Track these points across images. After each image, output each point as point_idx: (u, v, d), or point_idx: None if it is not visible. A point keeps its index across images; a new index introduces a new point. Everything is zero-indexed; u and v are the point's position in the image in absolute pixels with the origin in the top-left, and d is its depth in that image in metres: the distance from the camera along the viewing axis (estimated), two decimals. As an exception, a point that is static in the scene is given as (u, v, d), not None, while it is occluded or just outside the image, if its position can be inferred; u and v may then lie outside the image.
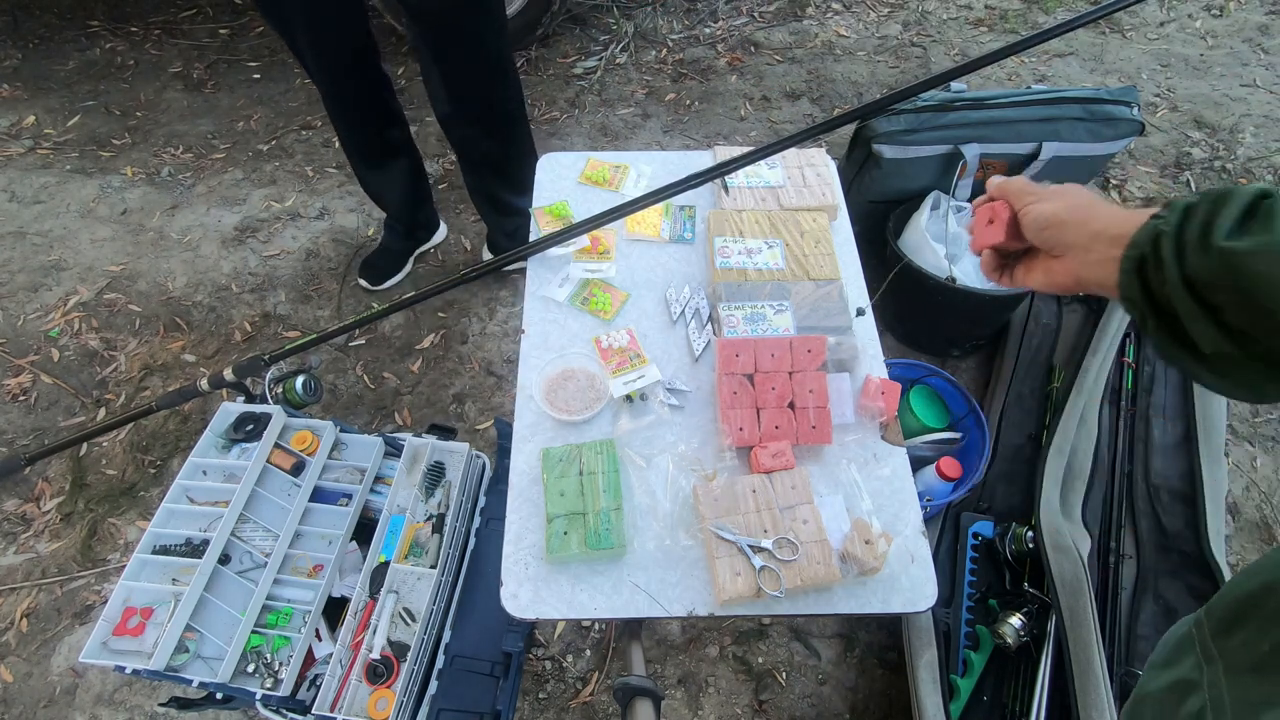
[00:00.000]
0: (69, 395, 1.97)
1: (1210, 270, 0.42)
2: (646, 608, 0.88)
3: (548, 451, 0.99)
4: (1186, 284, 0.43)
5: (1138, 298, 0.48)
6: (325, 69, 1.65)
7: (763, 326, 1.10)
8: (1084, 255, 0.54)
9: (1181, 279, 0.43)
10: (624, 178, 1.36)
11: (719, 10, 3.15)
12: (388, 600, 1.18)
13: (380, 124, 1.86)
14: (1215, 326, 0.42)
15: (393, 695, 1.09)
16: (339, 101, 1.76)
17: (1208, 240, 0.42)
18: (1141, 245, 0.47)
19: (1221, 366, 0.45)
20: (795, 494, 0.94)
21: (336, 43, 1.60)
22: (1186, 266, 0.43)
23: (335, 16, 1.54)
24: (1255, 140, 2.55)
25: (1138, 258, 0.47)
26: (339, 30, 1.58)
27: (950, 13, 3.16)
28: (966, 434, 1.62)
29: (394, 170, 1.98)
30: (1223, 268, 0.41)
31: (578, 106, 2.74)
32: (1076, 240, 0.54)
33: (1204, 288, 0.42)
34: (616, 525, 0.92)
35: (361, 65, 1.69)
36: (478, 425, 1.89)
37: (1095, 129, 1.77)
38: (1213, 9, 3.16)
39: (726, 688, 1.50)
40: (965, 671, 1.38)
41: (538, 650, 1.55)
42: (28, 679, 1.53)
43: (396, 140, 1.92)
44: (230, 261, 2.27)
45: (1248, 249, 0.40)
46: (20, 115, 2.76)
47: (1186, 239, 0.44)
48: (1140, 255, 0.47)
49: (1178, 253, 0.44)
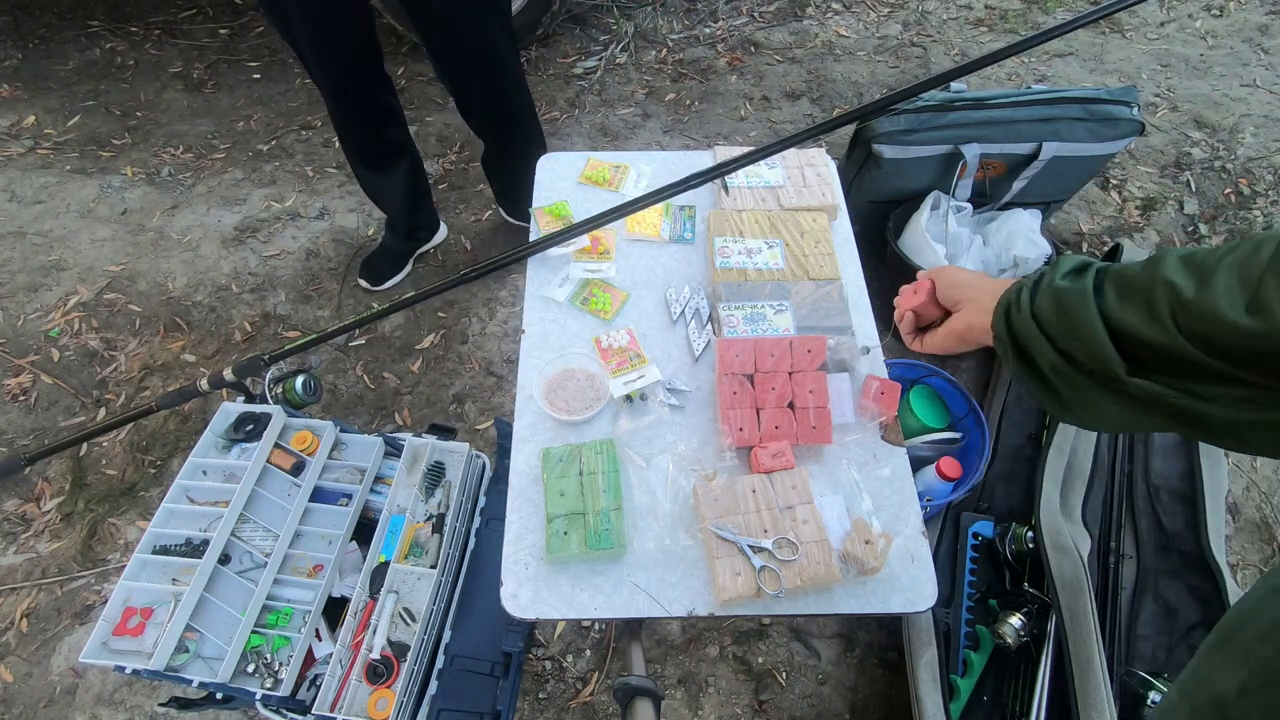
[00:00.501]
0: (69, 395, 1.97)
1: (1046, 305, 0.60)
2: (646, 608, 0.88)
3: (548, 451, 0.99)
4: (1033, 315, 0.61)
5: (1003, 333, 0.65)
6: (325, 67, 1.64)
7: (763, 326, 1.10)
8: (975, 306, 0.73)
9: (1031, 312, 0.61)
10: (624, 178, 1.36)
11: (719, 10, 3.15)
12: (388, 600, 1.18)
13: (380, 124, 1.86)
14: (1048, 342, 0.59)
15: (393, 695, 1.09)
16: (339, 100, 1.75)
17: (1047, 284, 0.61)
18: (1009, 294, 0.65)
19: (1064, 391, 0.60)
20: (795, 494, 0.94)
21: (337, 41, 1.59)
22: (1034, 304, 0.62)
23: (335, 14, 1.53)
24: (1255, 140, 2.55)
25: (1005, 303, 0.66)
26: (339, 28, 1.57)
27: (950, 13, 3.16)
28: (966, 434, 1.62)
29: (394, 171, 1.98)
30: (1051, 298, 0.59)
31: (578, 106, 2.74)
32: (972, 296, 0.74)
33: (1043, 319, 0.60)
34: (616, 525, 0.92)
35: (362, 65, 1.69)
36: (478, 425, 1.89)
37: (1095, 129, 1.77)
38: (1213, 9, 3.16)
39: (726, 688, 1.50)
40: (965, 671, 1.38)
41: (538, 650, 1.55)
42: (28, 679, 1.53)
43: (397, 140, 1.93)
44: (230, 261, 2.27)
45: (1065, 285, 0.59)
46: (20, 115, 2.76)
47: (1038, 286, 0.62)
48: (1007, 301, 0.65)
49: (1031, 296, 0.62)
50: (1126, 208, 2.37)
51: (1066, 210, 2.32)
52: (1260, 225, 2.27)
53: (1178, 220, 2.34)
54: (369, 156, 1.94)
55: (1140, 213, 2.36)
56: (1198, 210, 2.36)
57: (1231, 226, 2.30)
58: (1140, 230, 2.31)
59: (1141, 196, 2.40)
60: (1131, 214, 2.35)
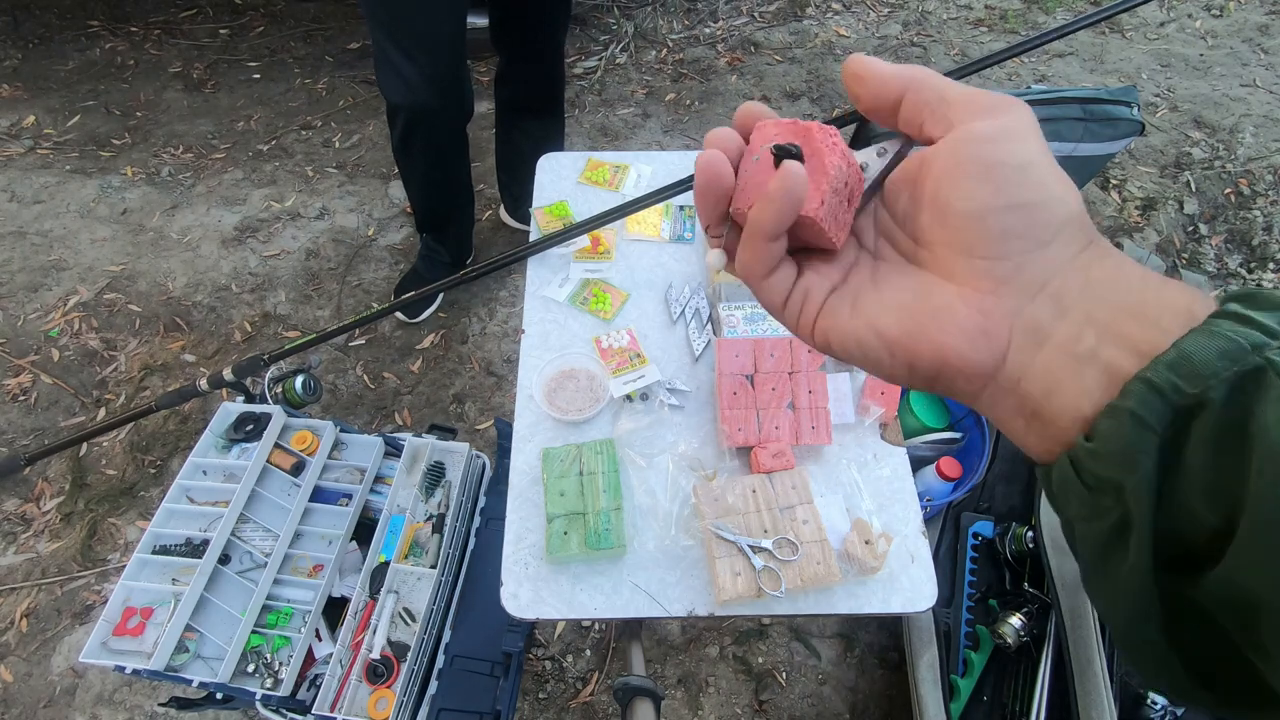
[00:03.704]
0: (69, 395, 1.97)
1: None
2: (646, 608, 0.88)
3: (548, 451, 0.99)
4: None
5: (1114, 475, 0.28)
6: (426, 74, 1.44)
7: (763, 326, 1.10)
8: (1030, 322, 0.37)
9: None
10: (624, 178, 1.36)
11: (719, 10, 3.15)
12: (388, 600, 1.18)
13: (464, 152, 1.81)
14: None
15: (393, 695, 1.09)
16: (431, 121, 1.58)
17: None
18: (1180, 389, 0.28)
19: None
20: (795, 494, 0.94)
21: (439, 46, 1.44)
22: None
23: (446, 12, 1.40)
24: (1255, 140, 2.55)
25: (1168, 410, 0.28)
26: (447, 30, 1.41)
27: (950, 13, 3.15)
28: (966, 434, 1.62)
29: (466, 207, 1.99)
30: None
31: (578, 106, 2.74)
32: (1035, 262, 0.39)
33: None
34: (616, 525, 0.92)
35: (459, 79, 1.56)
36: (478, 425, 1.89)
37: (1095, 129, 1.77)
38: (1213, 9, 3.16)
39: (726, 688, 1.50)
40: (965, 671, 1.38)
41: (538, 650, 1.55)
42: (28, 679, 1.53)
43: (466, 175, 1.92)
44: (230, 261, 2.27)
45: None
46: (20, 115, 2.76)
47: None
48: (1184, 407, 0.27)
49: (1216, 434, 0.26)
50: (1126, 208, 2.37)
51: (1066, 210, 2.32)
52: (1260, 225, 2.27)
53: (1178, 220, 2.34)
54: (452, 191, 1.91)
55: (1140, 213, 2.36)
56: (1198, 210, 2.36)
57: (1231, 227, 2.30)
58: (1140, 230, 2.31)
59: (1141, 196, 2.40)
60: (1131, 214, 2.35)
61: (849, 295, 0.32)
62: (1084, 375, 0.25)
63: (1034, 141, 0.28)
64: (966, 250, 0.28)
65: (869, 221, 0.34)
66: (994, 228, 0.27)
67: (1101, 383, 0.25)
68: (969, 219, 0.28)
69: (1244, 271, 2.18)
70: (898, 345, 0.29)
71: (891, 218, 0.33)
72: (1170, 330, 0.24)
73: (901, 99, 0.30)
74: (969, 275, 0.28)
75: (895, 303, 0.30)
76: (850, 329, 0.31)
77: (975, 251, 0.28)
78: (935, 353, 0.28)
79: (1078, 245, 0.27)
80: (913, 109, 0.30)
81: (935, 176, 0.29)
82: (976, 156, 0.28)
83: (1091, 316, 0.26)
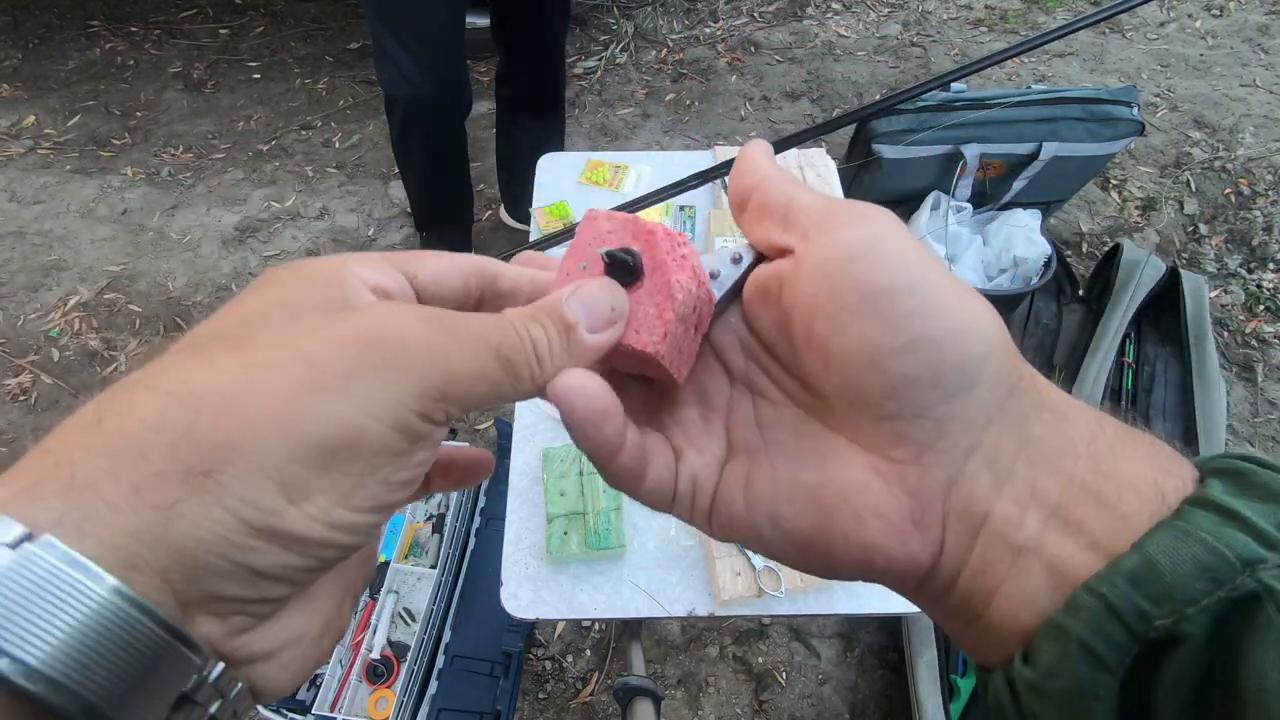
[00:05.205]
0: (69, 395, 1.97)
1: None
2: (646, 608, 0.88)
3: (548, 451, 0.99)
4: None
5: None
6: (424, 65, 1.42)
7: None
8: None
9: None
10: (624, 178, 1.36)
11: (719, 10, 3.15)
12: (388, 600, 1.19)
13: (462, 147, 1.79)
14: None
15: (393, 695, 1.09)
16: (429, 113, 1.56)
17: None
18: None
19: None
20: (795, 494, 0.94)
21: (437, 36, 1.42)
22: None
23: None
24: (1255, 140, 2.55)
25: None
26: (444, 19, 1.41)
27: (950, 13, 3.16)
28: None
29: (464, 204, 1.97)
30: None
31: (578, 106, 2.74)
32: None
33: None
34: (616, 525, 0.92)
35: (458, 71, 1.54)
36: (478, 425, 1.89)
37: (1095, 129, 1.77)
38: (1213, 9, 3.17)
39: (726, 688, 1.50)
40: (965, 671, 1.38)
41: (538, 650, 1.55)
42: (27, 679, 1.53)
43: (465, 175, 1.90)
44: (230, 262, 2.27)
45: None
46: (20, 115, 2.76)
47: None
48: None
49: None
50: (1126, 208, 2.37)
51: (1066, 210, 2.32)
52: (1260, 225, 2.27)
53: (1178, 220, 2.34)
54: (452, 192, 1.91)
55: (1140, 213, 2.36)
56: (1198, 210, 2.36)
57: (1231, 227, 2.30)
58: (1140, 230, 2.31)
59: (1141, 196, 2.40)
60: (1131, 214, 2.35)
61: (740, 472, 0.24)
62: (1027, 573, 0.20)
63: (912, 252, 0.22)
64: (866, 407, 0.22)
65: (731, 338, 0.27)
66: (893, 375, 0.21)
67: (1046, 586, 0.19)
68: (858, 365, 0.21)
69: (1244, 271, 2.18)
70: (808, 545, 0.23)
71: (755, 337, 0.26)
72: (1132, 518, 0.19)
73: (748, 200, 0.25)
74: (879, 439, 0.22)
75: (795, 483, 0.23)
76: (749, 524, 0.24)
77: (878, 409, 0.21)
78: (856, 552, 0.22)
79: (1004, 386, 0.21)
80: (757, 212, 0.25)
81: (804, 307, 0.22)
82: (850, 281, 0.21)
83: (1035, 490, 0.20)
